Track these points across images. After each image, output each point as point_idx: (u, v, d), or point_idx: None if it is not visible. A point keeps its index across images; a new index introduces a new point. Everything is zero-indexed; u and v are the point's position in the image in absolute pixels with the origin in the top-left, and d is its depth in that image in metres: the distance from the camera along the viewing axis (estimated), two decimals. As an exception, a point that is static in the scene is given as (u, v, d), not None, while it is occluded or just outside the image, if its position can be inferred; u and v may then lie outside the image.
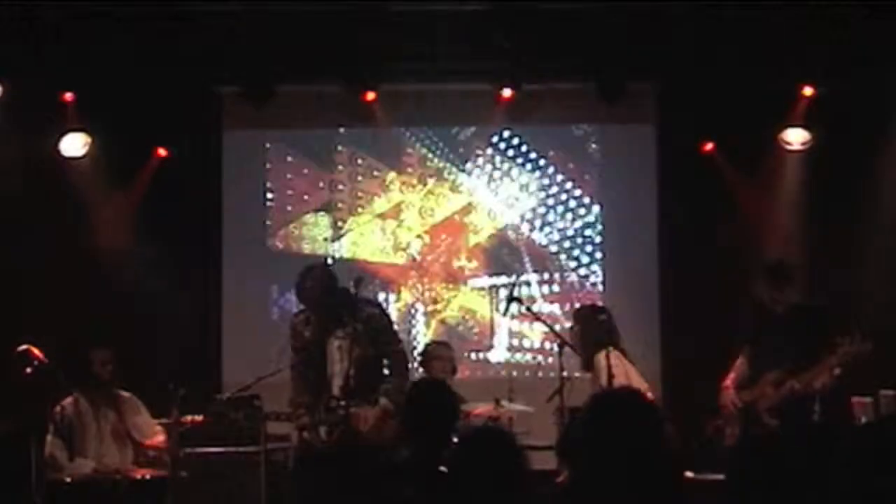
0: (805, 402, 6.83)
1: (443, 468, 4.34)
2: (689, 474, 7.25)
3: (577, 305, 8.19)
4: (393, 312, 10.01)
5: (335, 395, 6.94)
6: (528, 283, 10.05)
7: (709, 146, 9.78)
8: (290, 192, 10.20)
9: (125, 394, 7.77)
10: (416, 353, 8.86)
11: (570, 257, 10.14)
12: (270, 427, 7.58)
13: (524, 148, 10.19)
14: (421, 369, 8.46)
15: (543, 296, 10.06)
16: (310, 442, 7.00)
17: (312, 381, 7.05)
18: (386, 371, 7.16)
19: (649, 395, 7.39)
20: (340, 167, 10.23)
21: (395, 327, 7.67)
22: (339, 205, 10.22)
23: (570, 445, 3.85)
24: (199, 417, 7.49)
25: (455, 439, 4.71)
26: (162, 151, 9.81)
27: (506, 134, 10.19)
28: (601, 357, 7.44)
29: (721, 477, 7.26)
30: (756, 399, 7.01)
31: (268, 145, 10.23)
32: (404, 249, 10.18)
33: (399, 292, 10.13)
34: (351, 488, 6.68)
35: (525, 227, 10.18)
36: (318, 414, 6.95)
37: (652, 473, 3.63)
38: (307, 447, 7.02)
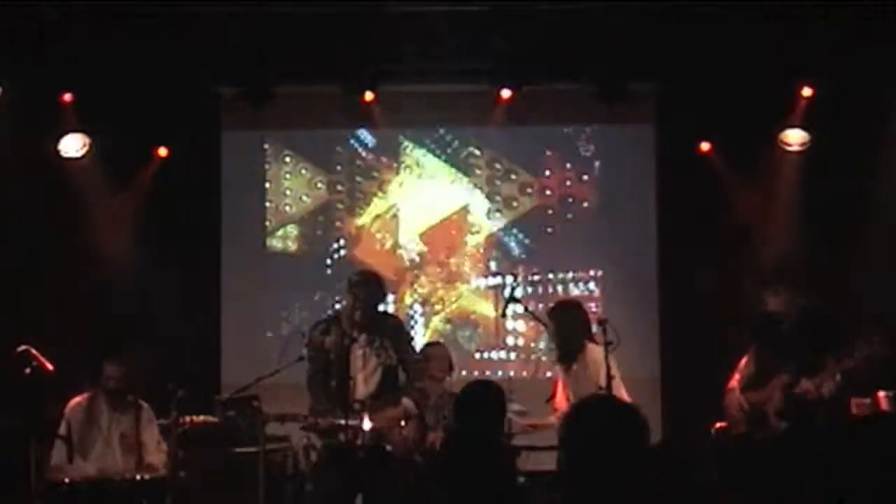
0: (812, 405, 6.81)
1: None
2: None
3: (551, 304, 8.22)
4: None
5: (359, 400, 7.03)
6: (526, 284, 10.05)
7: (704, 146, 9.79)
8: (288, 192, 10.21)
9: (144, 404, 7.72)
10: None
11: (568, 258, 10.13)
12: (269, 428, 7.59)
13: (523, 148, 10.19)
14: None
15: (542, 296, 10.05)
16: (334, 446, 7.05)
17: (334, 389, 7.12)
18: (402, 376, 7.29)
19: (623, 390, 7.43)
20: (339, 168, 10.23)
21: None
22: (338, 205, 10.23)
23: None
24: (198, 418, 7.49)
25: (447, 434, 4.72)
26: (162, 151, 9.81)
27: (505, 135, 10.19)
28: (592, 350, 7.45)
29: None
30: (764, 401, 6.98)
31: (267, 146, 10.23)
32: (403, 250, 10.18)
33: (398, 293, 10.13)
34: (378, 488, 6.80)
35: (524, 228, 10.17)
36: (340, 418, 7.01)
37: (640, 476, 3.64)
38: (332, 449, 7.07)
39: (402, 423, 7.12)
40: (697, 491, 7.33)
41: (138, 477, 7.23)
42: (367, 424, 6.98)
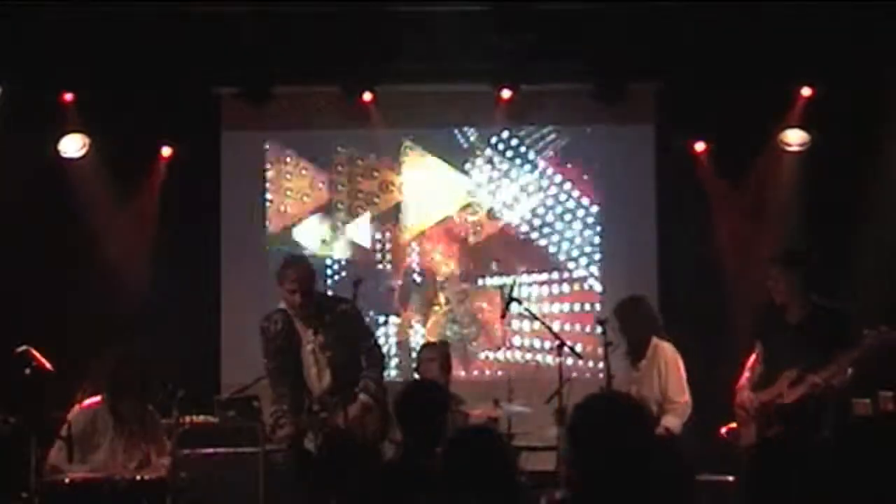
0: (819, 402, 6.78)
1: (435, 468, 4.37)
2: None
3: (618, 301, 8.09)
4: (392, 313, 10.05)
5: (314, 399, 6.97)
6: (527, 284, 10.05)
7: (699, 146, 9.79)
8: (289, 192, 10.21)
9: (150, 409, 7.62)
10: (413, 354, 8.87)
11: (569, 258, 10.14)
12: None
13: (523, 149, 10.20)
14: (416, 373, 8.45)
15: (542, 296, 10.06)
16: (301, 451, 7.01)
17: (290, 388, 7.04)
18: (363, 365, 7.17)
19: (686, 405, 7.43)
20: (340, 168, 10.23)
21: (367, 320, 7.70)
22: (339, 205, 10.23)
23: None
24: (197, 418, 7.47)
25: (449, 440, 4.72)
26: (166, 151, 9.81)
27: (505, 135, 10.20)
28: (665, 349, 7.45)
29: (730, 478, 7.30)
30: (773, 399, 6.96)
31: (267, 146, 10.23)
32: (403, 250, 10.18)
33: (398, 293, 10.12)
34: (345, 490, 6.74)
35: (524, 228, 10.18)
36: (301, 421, 6.96)
37: (649, 474, 3.64)
38: (298, 455, 7.04)
39: (362, 416, 6.96)
40: (702, 490, 7.33)
41: (138, 477, 7.22)
42: (325, 425, 6.91)
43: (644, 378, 7.50)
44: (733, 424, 7.24)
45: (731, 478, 7.33)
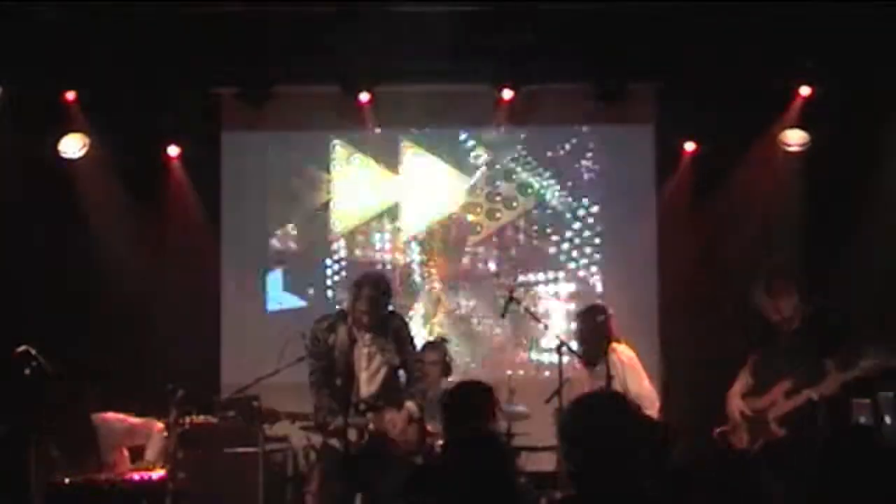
0: (813, 410, 6.79)
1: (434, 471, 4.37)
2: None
3: (578, 309, 8.22)
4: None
5: (363, 399, 7.03)
6: (526, 284, 10.05)
7: (690, 147, 9.79)
8: (289, 192, 10.20)
9: (102, 422, 7.57)
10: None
11: (569, 258, 10.14)
12: (269, 428, 7.59)
13: (523, 148, 10.20)
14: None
15: (542, 296, 10.06)
16: (336, 447, 7.05)
17: (338, 387, 7.09)
18: (403, 375, 7.26)
19: (652, 391, 7.48)
20: (339, 168, 10.23)
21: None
22: (339, 205, 10.22)
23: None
24: (197, 418, 7.48)
25: (448, 440, 4.73)
26: (172, 151, 9.81)
27: (505, 134, 10.19)
28: (618, 351, 7.50)
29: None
30: (766, 408, 6.96)
31: (267, 146, 10.22)
32: (403, 250, 10.18)
33: (398, 293, 10.12)
34: (378, 489, 6.83)
35: (524, 228, 10.17)
36: (347, 418, 7.01)
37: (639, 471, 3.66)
38: (334, 451, 7.08)
39: (406, 425, 7.10)
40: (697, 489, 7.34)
41: (138, 477, 7.24)
42: (370, 425, 7.00)
43: (600, 376, 7.53)
44: (725, 427, 7.25)
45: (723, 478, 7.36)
